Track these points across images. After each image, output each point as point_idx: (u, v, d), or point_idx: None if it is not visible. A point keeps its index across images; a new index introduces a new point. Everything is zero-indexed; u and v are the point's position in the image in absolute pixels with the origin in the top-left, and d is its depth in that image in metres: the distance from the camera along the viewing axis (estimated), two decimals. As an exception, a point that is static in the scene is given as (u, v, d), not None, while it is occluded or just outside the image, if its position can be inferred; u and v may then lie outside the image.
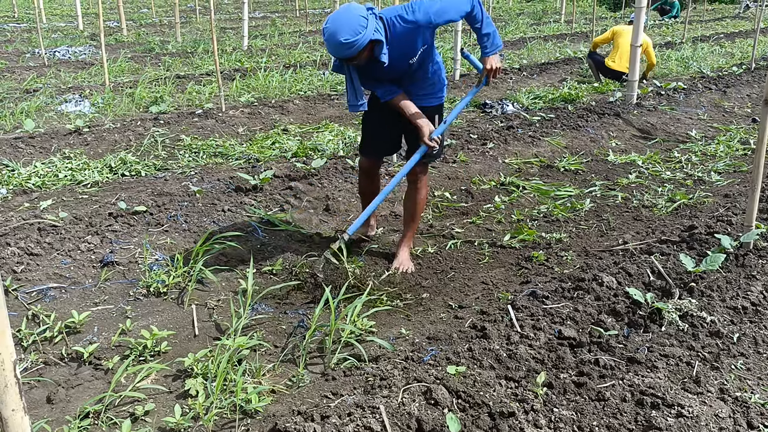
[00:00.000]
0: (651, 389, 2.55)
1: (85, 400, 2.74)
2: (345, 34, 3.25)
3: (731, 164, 5.98)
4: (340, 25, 3.26)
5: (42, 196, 4.92)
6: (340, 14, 3.31)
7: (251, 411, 2.65)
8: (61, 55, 11.45)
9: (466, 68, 10.35)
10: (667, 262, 3.67)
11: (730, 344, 2.93)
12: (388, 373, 2.73)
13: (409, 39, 3.51)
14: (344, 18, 3.29)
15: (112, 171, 5.52)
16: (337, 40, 3.26)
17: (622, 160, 6.14)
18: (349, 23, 3.26)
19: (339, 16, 3.31)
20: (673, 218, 4.72)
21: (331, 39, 3.28)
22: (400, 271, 3.92)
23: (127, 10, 19.15)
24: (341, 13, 3.31)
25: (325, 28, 3.33)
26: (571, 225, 4.65)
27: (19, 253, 3.85)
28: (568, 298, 3.36)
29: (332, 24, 3.29)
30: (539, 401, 2.52)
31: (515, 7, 24.01)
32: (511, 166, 5.88)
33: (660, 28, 17.28)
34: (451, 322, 3.38)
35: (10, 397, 1.40)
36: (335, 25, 3.28)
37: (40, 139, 6.21)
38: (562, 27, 17.16)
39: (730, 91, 8.99)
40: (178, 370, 2.96)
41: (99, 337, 3.23)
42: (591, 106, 7.83)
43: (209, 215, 4.52)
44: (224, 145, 6.21)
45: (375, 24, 3.35)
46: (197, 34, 14.46)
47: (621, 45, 9.57)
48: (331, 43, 3.30)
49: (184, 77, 9.35)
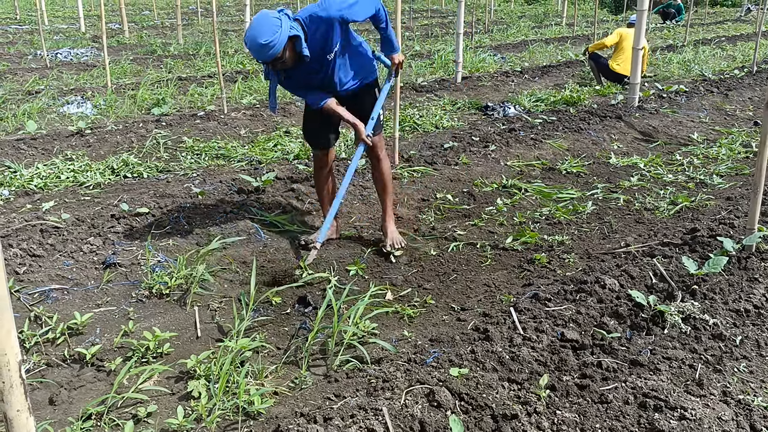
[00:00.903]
0: (654, 392, 2.55)
1: (87, 402, 2.74)
2: (264, 36, 3.45)
3: (733, 167, 5.98)
4: (257, 30, 3.47)
5: (44, 198, 4.93)
6: (256, 21, 3.53)
7: (254, 413, 2.65)
8: (63, 57, 11.47)
9: (468, 71, 10.36)
10: (669, 265, 3.67)
11: (733, 347, 2.92)
12: (390, 375, 2.73)
13: (324, 35, 3.72)
14: (259, 23, 3.50)
15: (115, 173, 5.53)
16: (258, 43, 3.46)
17: (624, 162, 6.14)
18: (265, 26, 3.47)
19: (255, 23, 3.52)
20: (675, 221, 4.72)
21: (253, 44, 3.48)
22: (396, 247, 4.22)
23: (128, 12, 19.17)
24: (256, 20, 3.54)
25: (245, 39, 3.54)
26: (573, 227, 4.65)
27: (22, 255, 3.86)
28: (571, 300, 3.36)
29: (251, 31, 3.50)
30: (542, 404, 2.52)
31: (517, 9, 24.04)
32: (513, 168, 5.88)
33: (662, 31, 17.29)
34: (454, 324, 3.38)
35: (15, 398, 1.40)
36: (253, 31, 3.48)
37: (42, 141, 6.22)
38: (564, 30, 17.18)
39: (731, 94, 8.99)
40: (181, 372, 2.96)
41: (101, 338, 3.24)
42: (593, 109, 7.84)
43: (211, 217, 4.52)
44: (226, 147, 6.21)
45: (289, 22, 3.56)
46: (199, 37, 14.47)
47: (627, 48, 9.56)
48: (254, 48, 3.49)
49: (186, 79, 9.36)
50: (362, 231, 4.60)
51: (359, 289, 3.71)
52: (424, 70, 10.57)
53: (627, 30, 9.85)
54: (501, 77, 10.02)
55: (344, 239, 4.42)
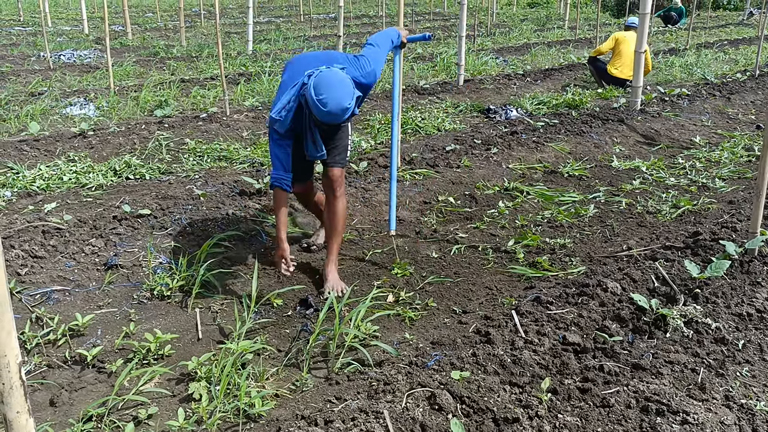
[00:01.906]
0: (656, 396, 2.54)
1: (88, 403, 2.74)
2: (348, 98, 3.22)
3: (735, 171, 5.97)
4: (340, 93, 3.21)
5: (46, 199, 4.93)
6: (332, 82, 3.23)
7: (255, 415, 2.65)
8: (67, 59, 11.48)
9: (470, 74, 10.36)
10: (671, 269, 3.66)
11: (735, 351, 2.92)
12: (392, 378, 2.72)
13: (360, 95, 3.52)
14: (340, 84, 3.23)
15: (117, 174, 5.53)
16: (343, 108, 3.21)
17: (626, 166, 6.13)
18: (347, 87, 3.24)
19: (331, 84, 3.22)
20: (677, 224, 4.71)
21: (336, 107, 3.20)
22: (333, 294, 3.43)
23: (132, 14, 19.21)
24: (332, 81, 3.23)
25: (322, 99, 3.19)
26: (575, 231, 4.64)
27: (24, 256, 3.85)
28: (573, 303, 3.35)
29: (330, 93, 3.20)
30: (543, 407, 2.51)
31: (519, 13, 24.05)
32: (515, 171, 5.87)
33: (664, 34, 17.28)
34: (455, 327, 3.37)
35: (15, 399, 1.39)
36: (336, 94, 3.20)
37: (45, 142, 6.22)
38: (566, 33, 17.18)
39: (734, 97, 8.98)
40: (182, 374, 2.96)
41: (102, 340, 3.24)
42: (595, 112, 7.83)
43: (213, 219, 4.52)
44: (228, 149, 6.22)
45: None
46: (202, 39, 14.49)
47: (624, 52, 9.57)
48: (334, 112, 3.21)
49: (189, 81, 9.37)
50: (363, 233, 4.60)
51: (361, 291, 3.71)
52: (426, 73, 10.57)
53: (624, 33, 9.84)
54: (503, 80, 10.02)
55: (346, 242, 4.41)
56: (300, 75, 3.48)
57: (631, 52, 9.45)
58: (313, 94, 3.21)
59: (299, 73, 3.51)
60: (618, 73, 9.60)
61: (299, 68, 3.56)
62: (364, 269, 4.07)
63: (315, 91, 3.21)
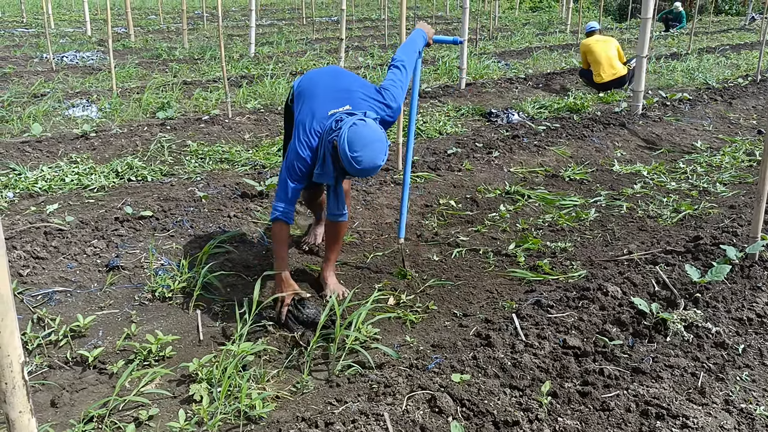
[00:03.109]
0: (656, 400, 2.55)
1: (89, 404, 2.74)
2: (382, 156, 3.09)
3: (737, 175, 5.98)
4: (375, 152, 3.06)
5: (48, 200, 4.94)
6: (368, 139, 3.05)
7: (255, 417, 2.65)
8: (69, 60, 11.51)
9: (472, 77, 10.37)
10: (672, 273, 3.67)
11: (736, 355, 2.92)
12: (392, 381, 2.73)
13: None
14: (373, 141, 3.06)
15: (119, 176, 5.54)
16: (377, 165, 3.08)
17: (627, 170, 6.14)
18: (381, 145, 3.08)
19: (367, 141, 3.05)
20: (678, 229, 4.71)
21: (371, 165, 3.06)
22: (339, 297, 3.57)
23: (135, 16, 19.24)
24: (368, 138, 3.05)
25: (356, 157, 3.02)
26: (576, 234, 4.65)
27: (25, 257, 3.87)
28: (573, 307, 3.36)
29: (366, 151, 3.03)
30: (543, 410, 2.52)
31: (521, 17, 24.08)
32: (516, 175, 5.88)
33: (666, 39, 17.30)
34: (456, 330, 3.38)
35: (17, 399, 1.40)
36: (371, 153, 3.04)
37: (47, 144, 6.23)
38: (568, 37, 17.20)
39: (735, 102, 8.99)
40: (183, 375, 2.96)
41: (104, 341, 3.24)
42: (596, 116, 7.84)
43: (215, 221, 4.53)
44: (230, 151, 6.23)
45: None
46: (204, 41, 14.52)
47: (597, 58, 9.67)
48: (367, 169, 3.07)
49: (191, 83, 9.39)
50: (365, 236, 4.60)
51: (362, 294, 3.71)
52: (428, 76, 10.58)
53: (587, 42, 9.91)
54: (505, 84, 10.03)
55: (347, 244, 4.42)
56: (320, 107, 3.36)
57: (602, 54, 9.61)
58: (347, 150, 3.03)
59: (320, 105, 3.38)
60: (602, 79, 9.67)
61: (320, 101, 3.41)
62: (365, 272, 4.07)
63: (349, 147, 3.03)
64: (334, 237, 3.76)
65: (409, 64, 3.73)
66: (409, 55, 3.77)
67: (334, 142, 3.14)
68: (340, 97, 3.43)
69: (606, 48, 9.64)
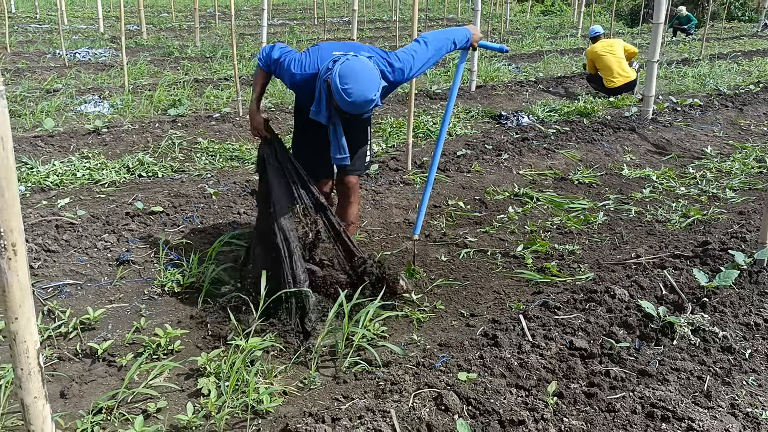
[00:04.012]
0: (662, 402, 2.55)
1: (98, 396, 2.77)
2: (373, 90, 3.10)
3: (746, 182, 5.96)
4: (365, 83, 3.09)
5: (60, 194, 4.98)
6: (358, 71, 3.11)
7: (262, 411, 2.68)
8: (82, 57, 11.58)
9: (482, 80, 10.37)
10: (680, 277, 3.67)
11: (742, 360, 2.92)
12: (399, 378, 2.74)
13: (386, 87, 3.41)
14: (364, 74, 3.11)
15: (130, 171, 5.58)
16: (367, 98, 3.09)
17: (637, 174, 6.13)
18: (373, 78, 3.12)
19: (357, 73, 3.10)
20: (686, 233, 4.71)
21: (360, 98, 3.08)
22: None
23: (147, 14, 19.33)
24: (358, 70, 3.11)
25: (347, 89, 3.07)
26: (584, 237, 4.65)
27: (37, 250, 3.90)
28: (580, 309, 3.37)
29: (356, 83, 3.07)
30: (549, 410, 2.53)
31: (532, 20, 24.05)
32: (525, 177, 5.89)
33: (677, 45, 17.25)
34: (463, 329, 3.39)
35: (33, 385, 1.42)
36: (361, 84, 3.08)
37: (59, 138, 6.28)
38: (579, 41, 17.17)
39: (746, 108, 8.96)
40: (191, 369, 2.99)
41: (113, 334, 3.27)
42: (606, 120, 7.84)
43: (225, 217, 4.56)
44: (240, 149, 6.26)
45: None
46: (216, 40, 14.57)
47: (607, 64, 9.57)
48: (357, 102, 3.09)
49: (203, 81, 9.44)
50: (373, 235, 4.62)
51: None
52: (438, 78, 10.59)
53: (594, 47, 9.82)
54: (515, 87, 10.04)
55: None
56: (326, 51, 3.39)
57: (612, 59, 9.52)
58: (338, 83, 3.08)
59: (326, 50, 3.42)
60: (614, 84, 9.61)
61: (326, 53, 3.42)
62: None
63: (340, 79, 3.08)
64: (346, 197, 3.81)
65: (432, 43, 3.59)
66: (438, 37, 3.64)
67: (328, 80, 3.20)
68: (345, 47, 3.49)
69: (614, 52, 9.60)
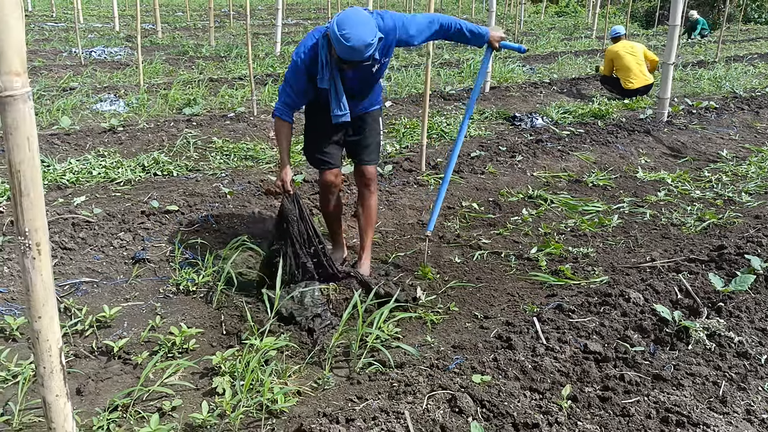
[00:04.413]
0: (676, 407, 2.54)
1: (113, 394, 2.79)
2: (370, 35, 3.23)
3: (762, 185, 5.92)
4: (363, 29, 3.22)
5: (76, 192, 5.02)
6: (354, 18, 3.26)
7: (277, 411, 2.69)
8: (97, 55, 11.66)
9: (496, 81, 10.35)
10: (695, 281, 3.65)
11: (758, 365, 2.90)
12: (413, 380, 2.75)
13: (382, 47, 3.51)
14: (361, 21, 3.25)
15: (145, 170, 5.61)
16: (365, 42, 3.21)
17: (651, 177, 6.10)
18: (369, 24, 3.25)
19: (354, 20, 3.25)
20: (702, 237, 4.68)
21: (359, 42, 3.20)
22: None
23: (162, 13, 19.42)
24: (357, 18, 3.26)
25: (345, 34, 3.21)
26: (599, 240, 4.64)
27: (53, 247, 3.93)
28: (595, 312, 3.36)
29: (353, 29, 3.22)
30: (563, 414, 2.53)
31: (546, 21, 23.97)
32: (539, 179, 5.87)
33: (692, 47, 17.14)
34: (477, 331, 3.39)
35: (55, 383, 1.44)
36: (358, 30, 3.21)
37: (75, 137, 6.33)
38: (594, 42, 17.09)
39: (762, 111, 8.89)
40: (206, 368, 3.01)
41: (129, 332, 3.29)
42: (621, 123, 7.80)
43: (239, 217, 4.58)
44: (255, 148, 6.28)
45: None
46: (231, 39, 14.62)
47: (627, 64, 9.50)
48: (356, 47, 3.21)
49: (217, 81, 9.48)
50: (387, 236, 4.63)
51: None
52: (452, 79, 10.59)
53: (615, 47, 9.74)
54: (529, 88, 10.01)
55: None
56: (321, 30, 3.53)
57: (632, 60, 9.45)
58: (336, 30, 3.23)
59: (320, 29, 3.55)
60: (633, 86, 9.55)
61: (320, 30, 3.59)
62: (387, 271, 4.09)
63: (338, 26, 3.23)
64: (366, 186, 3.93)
65: (442, 23, 3.72)
66: (452, 21, 3.76)
67: (327, 33, 3.37)
68: None
69: (635, 53, 9.55)
